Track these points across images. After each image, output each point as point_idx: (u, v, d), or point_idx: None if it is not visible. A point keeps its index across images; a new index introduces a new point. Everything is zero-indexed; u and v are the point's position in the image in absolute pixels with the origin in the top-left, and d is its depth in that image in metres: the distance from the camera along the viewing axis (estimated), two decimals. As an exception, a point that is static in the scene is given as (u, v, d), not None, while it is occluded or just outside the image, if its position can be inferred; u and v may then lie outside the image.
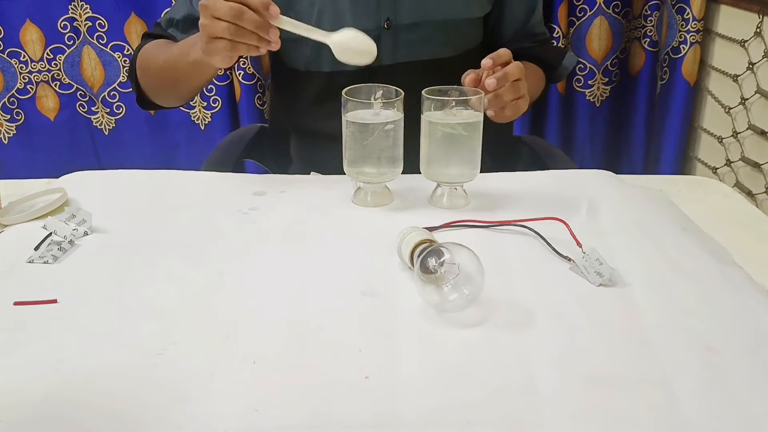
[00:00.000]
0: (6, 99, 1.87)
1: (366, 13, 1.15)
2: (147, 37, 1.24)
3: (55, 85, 1.87)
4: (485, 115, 0.95)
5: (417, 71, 1.18)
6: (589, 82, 1.90)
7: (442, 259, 0.74)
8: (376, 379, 0.64)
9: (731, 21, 1.75)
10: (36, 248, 0.85)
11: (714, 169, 1.84)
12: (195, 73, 1.11)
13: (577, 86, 1.89)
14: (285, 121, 1.33)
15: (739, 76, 1.70)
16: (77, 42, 1.82)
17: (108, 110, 1.89)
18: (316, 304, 0.75)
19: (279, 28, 0.95)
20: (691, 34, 1.80)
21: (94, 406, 0.61)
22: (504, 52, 1.00)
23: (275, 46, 0.95)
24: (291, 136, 1.33)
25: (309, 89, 1.23)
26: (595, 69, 1.89)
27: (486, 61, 0.98)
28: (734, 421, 0.59)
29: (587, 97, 1.92)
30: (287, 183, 1.06)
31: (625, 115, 1.97)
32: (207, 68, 1.07)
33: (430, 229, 0.86)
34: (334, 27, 1.15)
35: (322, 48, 1.17)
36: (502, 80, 0.97)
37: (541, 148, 1.37)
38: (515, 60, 1.06)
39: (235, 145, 1.41)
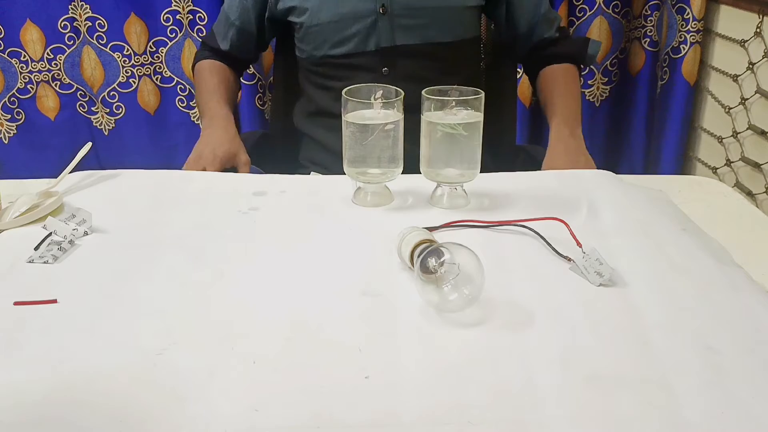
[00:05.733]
0: (6, 99, 1.87)
1: None
2: (205, 47, 1.41)
3: (56, 85, 1.87)
4: (485, 118, 0.95)
5: (414, 55, 1.26)
6: (589, 81, 1.90)
7: (442, 259, 0.74)
8: (376, 379, 0.64)
9: (731, 21, 1.75)
10: (36, 248, 0.85)
11: (714, 169, 1.84)
12: None
13: (577, 86, 1.89)
14: (290, 111, 1.36)
15: (739, 76, 1.70)
16: (77, 42, 1.82)
17: (108, 110, 1.89)
18: (316, 304, 0.75)
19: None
20: (691, 34, 1.80)
21: (94, 407, 0.60)
22: None
23: None
24: (293, 133, 1.35)
25: (313, 73, 1.32)
26: (594, 69, 1.89)
27: None
28: (734, 421, 0.59)
29: (587, 97, 1.92)
30: (287, 183, 1.06)
31: (624, 115, 1.97)
32: None
33: (430, 229, 0.86)
34: (333, 12, 1.25)
35: (325, 34, 1.25)
36: None
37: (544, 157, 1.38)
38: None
39: None
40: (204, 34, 1.79)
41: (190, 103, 1.90)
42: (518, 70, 1.83)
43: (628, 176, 1.12)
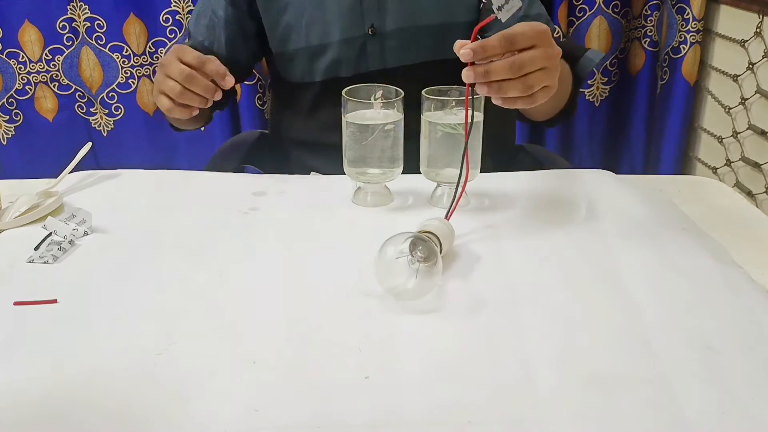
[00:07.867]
0: (5, 100, 1.87)
1: (351, 20, 1.16)
2: None
3: (54, 86, 1.87)
4: (485, 119, 0.95)
5: (406, 76, 1.16)
6: (589, 81, 1.90)
7: (401, 247, 0.75)
8: (376, 379, 0.63)
9: (731, 21, 1.75)
10: (36, 248, 0.85)
11: (714, 169, 1.84)
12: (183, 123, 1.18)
13: (577, 86, 1.89)
14: (284, 130, 1.33)
15: (739, 76, 1.70)
16: (76, 43, 1.82)
17: (107, 111, 1.89)
18: (316, 304, 0.75)
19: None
20: (691, 34, 1.80)
21: (94, 406, 0.60)
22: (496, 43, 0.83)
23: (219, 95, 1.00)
24: (290, 146, 1.33)
25: (304, 99, 1.24)
26: (594, 69, 1.89)
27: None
28: (734, 421, 0.59)
29: (586, 97, 1.92)
30: (287, 183, 1.06)
31: (624, 115, 1.97)
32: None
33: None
34: (321, 35, 1.16)
35: (315, 58, 1.17)
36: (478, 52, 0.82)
37: (544, 156, 1.38)
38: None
39: (235, 151, 1.41)
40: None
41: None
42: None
43: (628, 176, 1.12)
